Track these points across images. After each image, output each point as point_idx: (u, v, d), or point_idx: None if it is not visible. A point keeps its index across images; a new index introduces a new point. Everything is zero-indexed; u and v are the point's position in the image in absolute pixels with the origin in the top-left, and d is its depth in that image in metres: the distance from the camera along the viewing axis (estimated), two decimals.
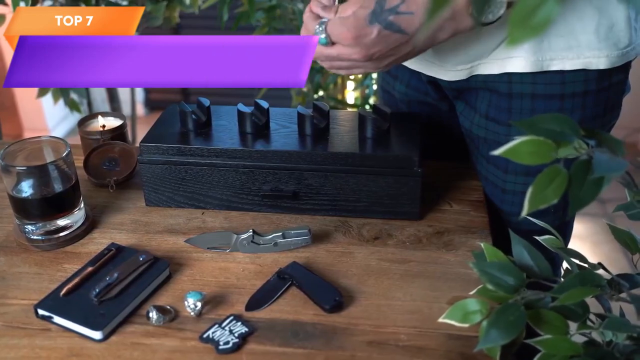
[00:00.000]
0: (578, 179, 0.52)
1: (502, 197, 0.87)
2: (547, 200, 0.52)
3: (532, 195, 0.51)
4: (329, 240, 0.80)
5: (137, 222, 0.85)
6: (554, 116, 0.56)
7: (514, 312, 0.59)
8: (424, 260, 0.76)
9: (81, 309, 0.67)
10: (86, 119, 0.95)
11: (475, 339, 0.62)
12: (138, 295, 0.69)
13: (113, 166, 0.90)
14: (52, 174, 0.78)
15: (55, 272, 0.75)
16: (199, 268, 0.76)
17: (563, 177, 0.52)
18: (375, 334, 0.65)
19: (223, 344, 0.64)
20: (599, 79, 0.77)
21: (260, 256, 0.77)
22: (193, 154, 0.83)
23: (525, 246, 0.65)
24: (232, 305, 0.70)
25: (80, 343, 0.65)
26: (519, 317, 0.59)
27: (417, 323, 0.67)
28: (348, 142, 0.83)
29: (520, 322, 0.59)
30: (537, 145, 0.53)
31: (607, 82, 0.78)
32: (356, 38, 0.64)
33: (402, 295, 0.71)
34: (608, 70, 0.76)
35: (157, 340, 0.65)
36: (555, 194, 0.52)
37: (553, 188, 0.52)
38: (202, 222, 0.85)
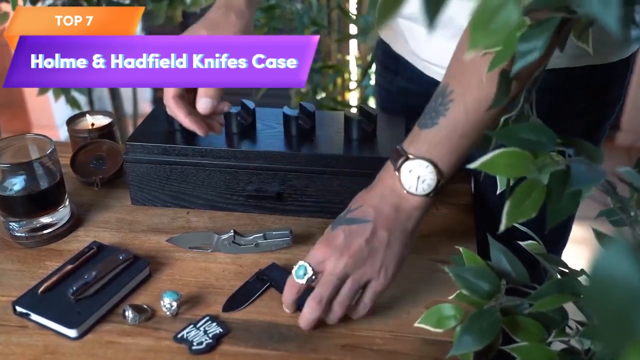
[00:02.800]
0: (556, 191, 0.51)
1: (494, 189, 0.86)
2: (526, 214, 0.51)
3: (509, 210, 0.50)
4: (312, 242, 0.79)
5: (122, 220, 0.85)
6: (530, 125, 0.55)
7: (488, 318, 0.59)
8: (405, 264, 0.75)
9: (58, 306, 0.67)
10: (75, 117, 0.95)
11: (451, 345, 0.61)
12: (116, 294, 0.69)
13: (100, 164, 0.91)
14: (36, 171, 0.78)
15: (37, 270, 0.76)
16: (180, 268, 0.76)
17: (541, 190, 0.51)
18: (350, 338, 0.65)
19: (196, 345, 0.63)
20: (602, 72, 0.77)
21: (241, 257, 0.77)
22: (178, 153, 0.83)
23: (503, 252, 0.64)
24: (209, 305, 0.70)
25: (55, 341, 0.65)
26: (493, 323, 0.58)
27: (394, 327, 0.66)
28: (333, 143, 0.83)
29: (494, 328, 0.58)
30: (514, 157, 0.52)
31: (594, 80, 0.78)
32: (328, 245, 0.64)
33: (381, 299, 0.70)
34: (594, 67, 0.76)
35: (132, 340, 0.65)
36: (534, 207, 0.51)
37: (531, 201, 0.51)
38: (187, 222, 0.85)
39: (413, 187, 0.63)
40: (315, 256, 0.64)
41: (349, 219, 0.65)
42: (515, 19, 0.35)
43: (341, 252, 0.63)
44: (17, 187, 0.78)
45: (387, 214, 0.64)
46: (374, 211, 0.64)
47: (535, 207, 0.50)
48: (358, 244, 0.63)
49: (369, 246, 0.64)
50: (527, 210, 0.50)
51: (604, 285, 0.24)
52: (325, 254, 0.64)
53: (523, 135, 0.54)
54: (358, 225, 0.64)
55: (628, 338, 0.23)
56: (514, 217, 0.50)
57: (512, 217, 0.50)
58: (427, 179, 0.63)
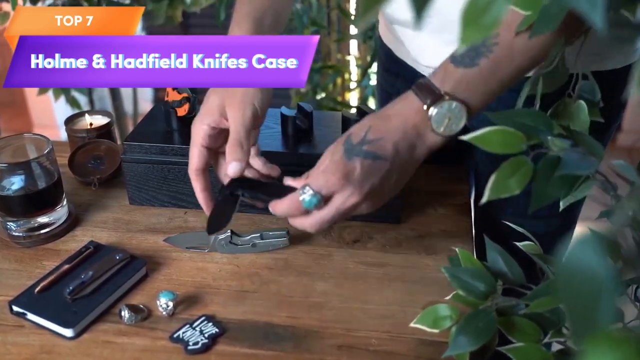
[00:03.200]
0: (544, 173, 0.51)
1: None
2: (510, 189, 0.50)
3: (494, 184, 0.50)
4: (309, 242, 0.80)
5: (120, 220, 0.85)
6: (529, 112, 0.55)
7: (483, 319, 0.58)
8: (402, 264, 0.76)
9: (54, 306, 0.67)
10: (74, 117, 0.95)
11: (447, 345, 0.61)
12: (112, 294, 0.69)
13: (98, 164, 0.91)
14: (34, 171, 0.78)
15: (34, 269, 0.76)
16: (177, 268, 0.76)
17: (528, 169, 0.51)
18: (346, 338, 0.65)
19: (192, 344, 0.63)
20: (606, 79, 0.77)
21: (238, 257, 0.77)
22: (175, 153, 0.83)
23: (500, 252, 0.64)
24: (205, 305, 0.70)
25: (52, 340, 0.65)
26: (488, 324, 0.58)
27: (390, 328, 0.66)
28: (330, 143, 0.82)
29: (490, 329, 0.58)
30: (507, 135, 0.52)
31: (613, 82, 0.78)
32: (344, 177, 0.61)
33: (377, 299, 0.70)
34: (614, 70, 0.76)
35: (128, 339, 0.65)
36: (519, 184, 0.51)
37: (517, 178, 0.51)
38: (184, 222, 0.85)
39: (442, 127, 0.61)
40: (328, 184, 0.61)
41: (367, 152, 0.61)
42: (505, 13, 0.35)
43: (355, 188, 0.61)
44: (14, 186, 0.78)
45: (404, 155, 0.62)
46: (393, 150, 0.61)
47: (520, 185, 0.50)
48: (372, 184, 0.61)
49: (380, 187, 0.62)
50: (511, 186, 0.50)
51: (572, 276, 0.24)
52: (340, 186, 0.61)
53: (521, 119, 0.54)
54: (375, 163, 0.61)
55: (591, 328, 0.23)
56: (497, 191, 0.50)
57: (496, 191, 0.49)
58: (457, 121, 0.60)
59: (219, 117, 0.67)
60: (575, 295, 0.25)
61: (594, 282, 0.24)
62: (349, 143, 0.62)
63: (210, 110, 0.68)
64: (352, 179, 0.61)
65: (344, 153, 0.61)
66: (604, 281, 0.24)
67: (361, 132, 0.62)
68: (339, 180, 0.60)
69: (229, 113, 0.67)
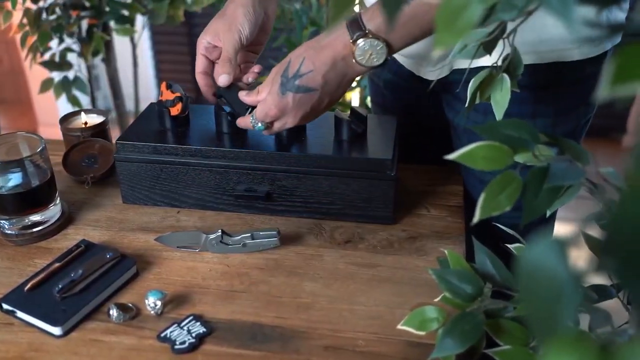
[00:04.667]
0: (533, 186, 0.51)
1: (480, 189, 0.86)
2: (500, 207, 0.51)
3: (484, 202, 0.50)
4: (300, 242, 0.80)
5: (113, 219, 0.85)
6: (513, 122, 0.54)
7: (470, 321, 0.58)
8: (392, 265, 0.75)
9: (43, 304, 0.67)
10: (69, 116, 0.95)
11: (434, 347, 0.61)
12: (101, 293, 0.70)
13: (92, 163, 0.91)
14: (27, 169, 0.79)
15: (25, 267, 0.76)
16: (167, 267, 0.76)
17: (517, 184, 0.51)
18: (333, 339, 0.65)
19: (179, 344, 0.63)
20: (572, 71, 0.77)
21: (228, 256, 0.77)
22: (168, 152, 0.83)
23: (488, 254, 0.64)
24: (194, 305, 0.70)
25: (40, 338, 0.65)
26: (475, 326, 0.58)
27: (378, 329, 0.66)
28: (323, 144, 0.83)
29: (476, 332, 0.57)
30: (493, 150, 0.52)
31: (581, 74, 0.78)
32: (280, 110, 0.74)
33: (366, 300, 0.70)
34: (581, 61, 0.76)
35: (116, 338, 0.65)
36: (509, 200, 0.51)
37: (506, 194, 0.51)
38: (177, 221, 0.85)
39: (364, 60, 0.69)
40: (268, 115, 0.75)
41: (299, 87, 0.72)
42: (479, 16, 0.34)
43: (289, 116, 0.74)
44: (8, 184, 0.78)
45: (332, 83, 0.72)
46: (323, 81, 0.71)
47: (510, 201, 0.49)
48: (304, 111, 0.74)
49: (311, 111, 0.74)
50: (502, 203, 0.50)
51: (532, 279, 0.24)
52: (276, 115, 0.74)
53: (505, 131, 0.53)
54: (306, 95, 0.72)
55: (552, 331, 0.23)
56: (488, 209, 0.49)
57: (486, 210, 0.49)
58: (378, 57, 0.69)
59: (215, 37, 0.81)
60: (535, 299, 0.25)
61: (554, 286, 0.24)
62: (285, 76, 0.72)
63: (210, 30, 0.82)
64: (287, 110, 0.74)
65: (280, 87, 0.73)
66: (564, 285, 0.24)
67: (296, 64, 0.72)
68: (276, 114, 0.74)
69: (221, 36, 0.80)
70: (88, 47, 1.75)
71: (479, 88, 0.56)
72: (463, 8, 0.33)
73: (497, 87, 0.55)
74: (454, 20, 0.34)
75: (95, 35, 1.73)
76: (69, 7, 1.68)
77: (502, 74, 0.55)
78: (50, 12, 1.69)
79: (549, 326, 0.24)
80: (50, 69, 1.80)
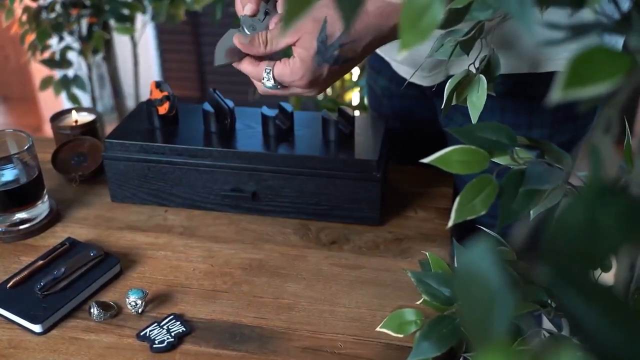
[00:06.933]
0: (509, 190, 0.51)
1: None
2: (475, 211, 0.50)
3: (459, 206, 0.50)
4: (285, 243, 0.80)
5: (100, 217, 0.85)
6: (491, 124, 0.54)
7: (447, 325, 0.58)
8: (376, 267, 0.75)
9: (24, 301, 0.68)
10: (60, 114, 0.96)
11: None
12: (83, 291, 0.70)
13: (81, 161, 0.91)
14: (15, 166, 0.79)
15: (10, 264, 0.76)
16: (151, 266, 0.76)
17: (493, 188, 0.50)
18: (312, 340, 0.65)
19: (158, 343, 0.63)
20: None
21: (213, 256, 0.77)
22: (155, 151, 0.83)
23: None
24: (175, 304, 0.70)
25: (21, 335, 0.66)
26: (452, 330, 0.57)
27: (357, 331, 0.66)
28: (310, 144, 0.83)
29: (453, 335, 0.57)
30: (468, 154, 0.52)
31: None
32: (311, 82, 0.65)
33: (347, 302, 0.70)
34: None
35: (96, 336, 0.65)
36: (484, 204, 0.50)
37: (482, 198, 0.50)
38: (164, 220, 0.85)
39: None
40: (293, 82, 0.65)
41: (337, 58, 0.64)
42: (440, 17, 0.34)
43: (316, 89, 0.67)
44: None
45: (367, 53, 0.66)
46: (362, 51, 0.64)
47: (485, 205, 0.49)
48: (332, 80, 0.66)
49: (334, 81, 0.68)
50: (477, 207, 0.49)
51: (466, 283, 0.23)
52: (304, 87, 0.66)
53: (482, 134, 0.53)
54: (342, 66, 0.65)
55: (485, 337, 0.23)
56: (463, 213, 0.49)
57: (461, 214, 0.49)
58: None
59: None
60: (470, 305, 0.24)
61: (488, 291, 0.24)
62: (323, 44, 0.63)
63: None
64: (317, 83, 0.66)
65: (316, 56, 0.63)
66: (497, 290, 0.24)
67: (337, 31, 0.63)
68: (306, 85, 0.66)
69: None
70: (88, 45, 1.76)
71: (456, 89, 0.55)
72: (426, 8, 0.33)
73: (473, 88, 0.54)
74: (418, 20, 0.33)
75: (95, 33, 1.74)
76: (68, 5, 1.69)
77: (478, 75, 0.54)
78: (50, 10, 1.69)
79: (482, 332, 0.24)
80: (50, 67, 1.81)
